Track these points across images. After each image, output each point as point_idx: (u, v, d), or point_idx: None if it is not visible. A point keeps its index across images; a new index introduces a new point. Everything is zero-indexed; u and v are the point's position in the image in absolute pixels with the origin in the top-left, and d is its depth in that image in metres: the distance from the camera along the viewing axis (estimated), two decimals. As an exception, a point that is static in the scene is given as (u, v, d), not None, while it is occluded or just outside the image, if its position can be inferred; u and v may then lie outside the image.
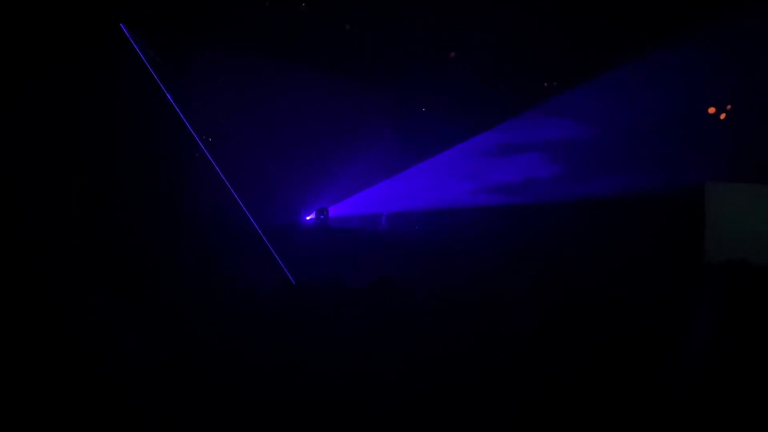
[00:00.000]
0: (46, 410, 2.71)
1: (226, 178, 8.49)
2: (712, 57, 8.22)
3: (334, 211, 9.58)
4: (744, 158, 8.67)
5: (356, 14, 8.85)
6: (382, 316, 3.49)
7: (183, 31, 7.98)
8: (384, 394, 2.80)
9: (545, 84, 9.82)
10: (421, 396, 2.78)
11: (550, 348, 3.06)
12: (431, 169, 9.85)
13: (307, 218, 9.44)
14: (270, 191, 8.82)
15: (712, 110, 9.10)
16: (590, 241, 8.86)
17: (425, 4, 8.49)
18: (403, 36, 8.93)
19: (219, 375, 3.07)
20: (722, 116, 9.09)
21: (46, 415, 2.71)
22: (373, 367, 2.95)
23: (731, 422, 2.42)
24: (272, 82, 8.94)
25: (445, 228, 9.73)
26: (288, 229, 9.00)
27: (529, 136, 9.69)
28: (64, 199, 6.80)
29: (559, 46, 8.85)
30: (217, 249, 7.55)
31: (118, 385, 2.84)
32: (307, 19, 8.63)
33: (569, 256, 8.53)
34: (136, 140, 7.53)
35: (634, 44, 8.41)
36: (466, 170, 9.85)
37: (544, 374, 2.87)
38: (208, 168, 8.52)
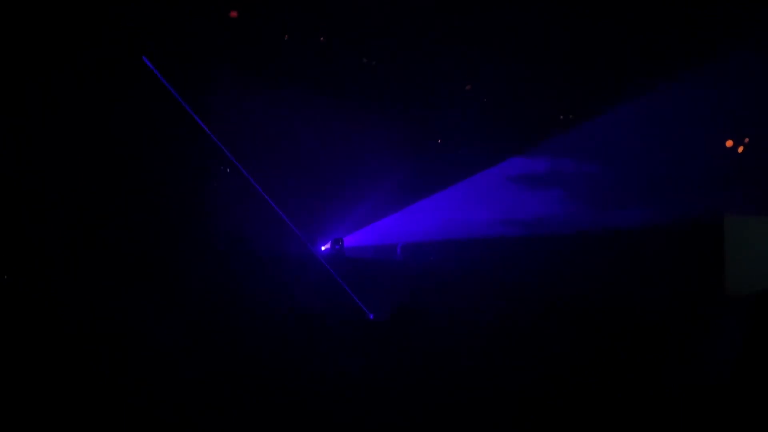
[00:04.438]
0: (48, 409, 2.70)
1: (242, 206, 8.55)
2: (730, 89, 8.22)
3: (349, 241, 9.58)
4: (763, 191, 8.59)
5: (373, 48, 8.98)
6: (398, 346, 3.47)
7: (203, 65, 8.16)
8: (400, 422, 2.77)
9: (561, 117, 9.85)
10: (435, 421, 2.75)
11: (568, 378, 3.02)
12: (446, 200, 9.85)
13: (323, 248, 9.45)
14: (285, 220, 8.87)
15: (729, 143, 9.06)
16: (609, 274, 8.77)
17: (440, 37, 8.60)
18: (419, 68, 9.04)
19: (232, 402, 3.06)
20: (740, 149, 9.04)
21: (49, 414, 2.70)
22: (388, 393, 2.92)
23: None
24: (288, 114, 9.05)
25: (461, 259, 9.69)
26: (303, 258, 9.02)
27: (546, 167, 9.70)
28: (85, 204, 6.95)
29: (576, 78, 8.91)
30: (232, 278, 7.58)
31: (121, 384, 2.83)
32: (324, 53, 8.78)
33: (588, 288, 8.44)
34: (159, 171, 7.68)
35: (651, 76, 8.44)
36: (482, 201, 9.83)
37: (553, 398, 2.82)
38: (224, 196, 8.60)
